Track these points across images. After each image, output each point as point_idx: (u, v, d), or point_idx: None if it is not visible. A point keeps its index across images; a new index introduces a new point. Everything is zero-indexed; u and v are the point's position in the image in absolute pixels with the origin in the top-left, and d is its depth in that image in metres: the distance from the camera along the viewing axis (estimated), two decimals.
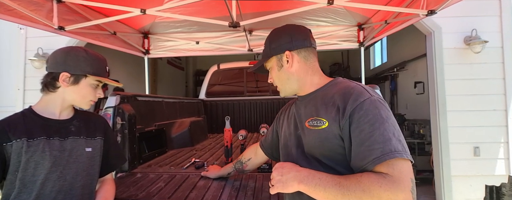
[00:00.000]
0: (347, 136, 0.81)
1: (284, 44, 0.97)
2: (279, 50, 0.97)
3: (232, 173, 1.46)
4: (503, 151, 3.27)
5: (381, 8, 2.40)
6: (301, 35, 0.99)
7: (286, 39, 0.97)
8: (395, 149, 0.74)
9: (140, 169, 1.77)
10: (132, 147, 1.78)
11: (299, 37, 0.98)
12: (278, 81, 1.02)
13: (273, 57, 0.99)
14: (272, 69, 1.02)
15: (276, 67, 1.00)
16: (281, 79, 1.01)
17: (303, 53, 0.98)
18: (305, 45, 0.98)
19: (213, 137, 3.23)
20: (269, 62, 1.02)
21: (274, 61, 1.00)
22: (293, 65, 0.97)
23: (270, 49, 1.00)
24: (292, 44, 0.97)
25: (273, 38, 1.01)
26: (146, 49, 3.59)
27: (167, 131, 2.35)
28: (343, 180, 0.75)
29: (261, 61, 1.05)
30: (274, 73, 1.02)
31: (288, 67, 0.97)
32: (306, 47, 0.98)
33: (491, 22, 3.41)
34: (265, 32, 3.49)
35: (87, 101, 1.07)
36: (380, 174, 0.73)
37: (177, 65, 7.17)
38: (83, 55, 1.03)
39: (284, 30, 1.01)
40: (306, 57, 0.98)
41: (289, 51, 0.96)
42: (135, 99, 2.01)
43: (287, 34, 0.98)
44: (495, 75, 3.36)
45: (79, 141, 1.06)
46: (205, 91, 3.68)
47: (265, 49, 1.04)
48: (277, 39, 0.99)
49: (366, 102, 0.80)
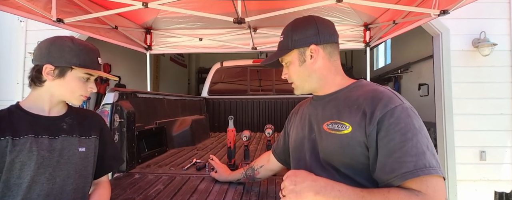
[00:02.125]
0: (373, 144, 0.72)
1: (310, 36, 0.86)
2: (303, 43, 0.87)
3: (241, 180, 1.37)
4: (510, 156, 3.20)
5: (391, 7, 2.32)
6: (328, 28, 0.89)
7: (312, 31, 0.87)
8: (430, 164, 0.66)
9: (139, 169, 1.71)
10: (131, 146, 1.71)
11: (326, 31, 0.88)
12: (297, 78, 0.91)
13: (294, 50, 0.88)
14: (291, 64, 0.91)
15: (297, 62, 0.89)
16: (301, 76, 0.90)
17: (329, 49, 0.88)
18: (332, 40, 0.89)
19: (215, 136, 3.17)
20: (289, 56, 0.90)
21: (295, 55, 0.89)
22: (317, 61, 0.87)
23: (291, 41, 0.88)
24: (319, 38, 0.86)
25: (297, 28, 0.88)
26: (148, 45, 3.52)
27: (168, 130, 2.28)
28: (367, 194, 0.67)
29: (278, 53, 0.93)
30: (293, 68, 0.91)
31: (311, 63, 0.87)
32: (332, 43, 0.89)
33: (501, 25, 3.33)
34: (269, 30, 3.42)
35: (77, 96, 0.97)
36: (411, 191, 0.65)
37: (180, 62, 7.09)
38: (68, 44, 0.93)
39: (309, 20, 0.89)
40: (331, 54, 0.89)
41: (315, 45, 0.86)
42: (134, 95, 1.94)
43: (313, 25, 0.87)
44: (503, 79, 3.29)
45: (71, 140, 0.97)
46: (208, 89, 3.62)
47: (284, 41, 0.91)
48: (302, 30, 0.87)
49: (398, 109, 0.72)
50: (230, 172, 1.44)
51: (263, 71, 3.73)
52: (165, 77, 6.06)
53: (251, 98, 3.57)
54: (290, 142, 1.03)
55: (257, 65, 3.71)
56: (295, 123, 1.03)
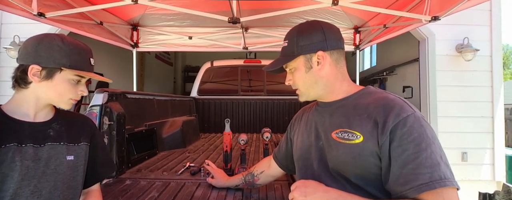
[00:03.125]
0: (386, 154, 0.71)
1: (317, 42, 0.83)
2: (310, 49, 0.84)
3: (240, 186, 1.31)
4: (489, 157, 3.35)
5: (384, 11, 2.35)
6: (335, 34, 0.86)
7: (319, 37, 0.84)
8: (445, 175, 0.65)
9: (129, 174, 1.62)
10: (121, 150, 1.62)
11: (333, 36, 0.85)
12: (302, 84, 0.88)
13: (300, 56, 0.85)
14: (296, 70, 0.87)
15: (304, 68, 0.86)
16: (307, 83, 0.87)
17: (336, 55, 0.86)
18: (338, 46, 0.86)
19: (205, 137, 3.10)
20: (294, 62, 0.87)
21: (301, 61, 0.85)
22: (324, 67, 0.84)
23: (297, 47, 0.85)
24: (326, 44, 0.83)
25: (302, 34, 0.85)
26: (135, 42, 3.39)
27: (158, 131, 2.19)
28: None
29: (283, 59, 0.89)
30: (298, 74, 0.87)
31: (318, 70, 0.84)
32: (339, 49, 0.87)
33: (482, 32, 3.48)
34: (261, 30, 3.39)
35: (66, 99, 0.89)
36: None
37: (166, 60, 6.91)
38: (58, 43, 0.85)
39: (315, 26, 0.86)
40: (337, 60, 0.86)
41: (322, 52, 0.83)
42: (124, 96, 1.85)
43: (320, 31, 0.84)
44: (484, 83, 3.44)
45: (59, 148, 0.89)
46: (197, 89, 3.53)
47: (288, 46, 0.88)
48: (308, 36, 0.84)
49: (410, 118, 0.70)
50: (228, 177, 1.39)
51: (254, 72, 3.69)
52: (150, 75, 5.89)
53: (242, 98, 3.52)
54: (295, 149, 0.99)
55: (249, 65, 3.67)
56: (299, 129, 1.00)
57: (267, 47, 3.49)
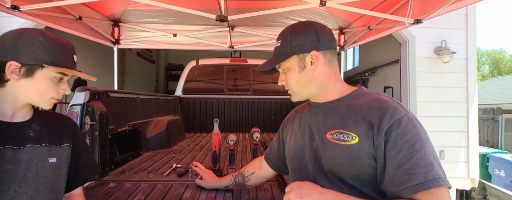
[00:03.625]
0: (381, 155, 0.71)
1: (310, 42, 0.84)
2: (304, 49, 0.84)
3: (230, 187, 1.29)
4: (464, 155, 3.52)
5: (369, 13, 2.40)
6: (328, 34, 0.87)
7: (312, 36, 0.84)
8: (439, 175, 0.67)
9: (112, 176, 1.55)
10: (103, 151, 1.55)
11: (326, 37, 0.86)
12: (296, 85, 0.88)
13: (293, 56, 0.85)
14: (290, 70, 0.88)
15: (297, 68, 0.86)
16: (300, 83, 0.87)
17: (329, 55, 0.86)
18: (331, 46, 0.87)
19: (190, 137, 3.03)
20: (287, 62, 0.87)
21: (295, 61, 0.86)
22: (317, 67, 0.85)
23: (290, 47, 0.85)
24: (319, 44, 0.84)
25: (296, 33, 0.86)
26: (116, 38, 3.26)
27: (142, 132, 2.12)
28: None
29: (276, 59, 0.89)
30: (292, 74, 0.87)
31: (311, 70, 0.85)
32: (332, 49, 0.87)
33: (459, 35, 3.64)
34: (247, 29, 3.36)
35: (47, 98, 0.84)
36: None
37: (148, 58, 6.71)
38: (39, 39, 0.79)
39: (308, 26, 0.87)
40: (330, 61, 0.87)
41: (316, 51, 0.84)
42: (107, 95, 1.77)
43: (313, 31, 0.85)
44: (460, 84, 3.60)
45: (40, 150, 0.83)
46: (182, 88, 3.45)
47: (281, 46, 0.88)
48: (301, 36, 0.85)
49: (404, 119, 0.72)
50: (217, 178, 1.37)
51: (240, 71, 3.66)
52: (131, 73, 5.71)
53: (228, 98, 3.48)
54: (288, 150, 0.98)
55: (235, 64, 3.63)
56: (292, 130, 0.99)
57: (254, 46, 3.48)
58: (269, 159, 1.15)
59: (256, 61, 3.67)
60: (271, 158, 1.14)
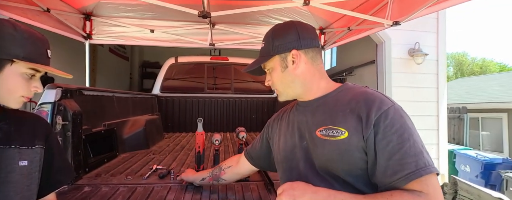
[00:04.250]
0: (371, 148, 0.71)
1: (290, 42, 0.86)
2: (284, 49, 0.86)
3: (206, 179, 1.25)
4: (435, 152, 3.72)
5: (350, 13, 2.44)
6: (309, 33, 0.88)
7: (292, 36, 0.86)
8: (428, 162, 0.68)
9: (87, 180, 1.44)
10: (77, 153, 1.44)
11: (307, 36, 0.87)
12: (280, 84, 0.90)
13: (276, 56, 0.87)
14: (273, 70, 0.89)
15: (279, 68, 0.88)
16: (284, 82, 0.89)
17: (311, 54, 0.87)
18: (313, 45, 0.88)
19: (169, 137, 2.92)
20: (270, 62, 0.89)
21: (277, 61, 0.88)
22: (299, 66, 0.86)
23: (272, 47, 0.87)
24: (300, 43, 0.86)
25: (277, 34, 0.88)
26: (88, 33, 3.07)
27: (118, 132, 2.00)
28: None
29: (260, 60, 0.91)
30: (276, 74, 0.89)
31: (293, 69, 0.86)
32: (314, 47, 0.88)
33: (431, 38, 3.83)
34: (228, 26, 3.31)
35: (17, 97, 0.76)
36: (413, 192, 0.66)
37: (121, 54, 6.39)
38: (9, 31, 0.72)
39: (289, 26, 0.89)
40: (313, 59, 0.87)
41: (296, 50, 0.85)
42: (80, 93, 1.65)
43: (293, 31, 0.87)
44: (431, 85, 3.79)
45: (9, 152, 0.75)
46: (160, 86, 3.31)
47: (265, 47, 0.90)
48: (282, 36, 0.87)
49: (390, 110, 0.73)
50: (195, 172, 1.35)
51: (221, 69, 3.58)
52: (103, 70, 5.42)
53: (208, 96, 3.39)
54: (277, 151, 0.96)
55: (216, 62, 3.55)
56: (281, 130, 0.98)
57: (235, 45, 3.43)
58: (250, 154, 1.14)
59: (237, 60, 3.62)
60: (253, 155, 1.13)
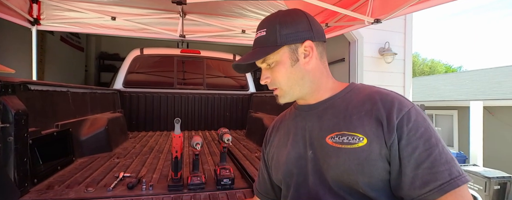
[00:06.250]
0: (396, 155, 0.61)
1: (303, 31, 0.70)
2: (296, 39, 0.70)
3: None
4: None
5: (331, 7, 2.38)
6: (319, 25, 0.74)
7: (305, 25, 0.71)
8: (461, 171, 0.59)
9: (36, 194, 1.17)
10: (22, 162, 1.16)
11: (318, 27, 0.73)
12: (286, 81, 0.72)
13: (284, 46, 0.70)
14: (279, 64, 0.71)
15: (289, 61, 0.71)
16: (292, 79, 0.72)
17: (320, 49, 0.74)
18: (323, 39, 0.75)
19: (134, 136, 2.63)
20: (276, 54, 0.71)
21: (286, 53, 0.71)
22: (311, 61, 0.71)
23: (279, 36, 0.70)
24: (313, 34, 0.71)
25: (285, 21, 0.71)
26: (35, 17, 2.64)
27: (75, 133, 1.71)
28: None
29: (263, 51, 0.71)
30: (282, 69, 0.71)
31: (305, 63, 0.71)
32: (323, 42, 0.75)
33: (399, 38, 3.97)
34: (200, 17, 3.08)
35: None
36: None
37: (75, 44, 5.72)
38: None
39: (299, 13, 0.72)
40: (322, 54, 0.74)
41: (310, 42, 0.70)
42: (25, 88, 1.35)
43: (304, 19, 0.71)
44: (398, 83, 3.94)
45: None
46: (123, 80, 2.97)
47: (267, 36, 0.71)
48: (292, 24, 0.70)
49: (412, 111, 0.62)
50: None
51: (192, 63, 3.32)
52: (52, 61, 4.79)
53: (178, 92, 3.12)
54: (277, 165, 0.80)
55: (186, 55, 3.28)
56: (279, 142, 0.82)
57: (207, 37, 3.21)
58: (259, 190, 0.93)
59: (210, 54, 3.39)
60: (263, 191, 0.92)
